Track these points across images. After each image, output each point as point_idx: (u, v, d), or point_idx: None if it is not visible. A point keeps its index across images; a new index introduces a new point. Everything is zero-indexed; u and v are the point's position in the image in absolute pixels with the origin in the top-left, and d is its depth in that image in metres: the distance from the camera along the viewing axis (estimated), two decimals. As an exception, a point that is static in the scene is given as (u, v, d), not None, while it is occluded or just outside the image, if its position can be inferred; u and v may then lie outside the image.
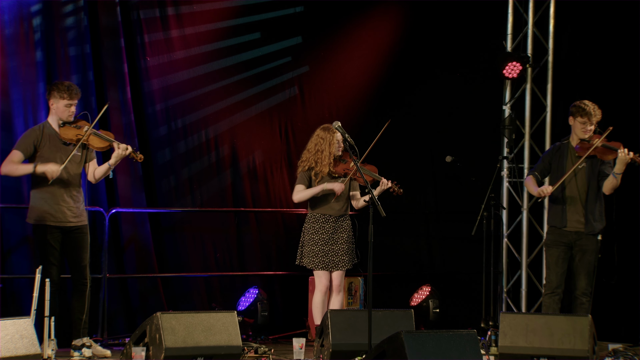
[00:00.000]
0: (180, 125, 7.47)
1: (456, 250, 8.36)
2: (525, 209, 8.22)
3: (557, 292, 6.22)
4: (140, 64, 7.23)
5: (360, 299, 7.38)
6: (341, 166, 6.20)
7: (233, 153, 7.68)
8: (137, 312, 7.12)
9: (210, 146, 7.60)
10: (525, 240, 8.22)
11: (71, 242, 5.85)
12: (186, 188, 7.50)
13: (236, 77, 7.68)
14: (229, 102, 7.65)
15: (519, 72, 7.97)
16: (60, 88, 5.74)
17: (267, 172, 7.79)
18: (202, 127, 7.57)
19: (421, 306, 7.76)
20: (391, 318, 5.77)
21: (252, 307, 7.25)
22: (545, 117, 8.24)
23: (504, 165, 8.21)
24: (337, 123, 5.77)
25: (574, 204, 6.18)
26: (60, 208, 5.75)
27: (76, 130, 5.77)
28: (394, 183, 6.03)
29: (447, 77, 8.25)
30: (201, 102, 7.55)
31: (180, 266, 7.43)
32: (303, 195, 6.21)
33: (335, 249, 6.20)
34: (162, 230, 7.41)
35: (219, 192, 7.62)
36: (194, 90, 7.50)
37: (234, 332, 5.42)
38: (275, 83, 7.84)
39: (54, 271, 5.75)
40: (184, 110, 7.50)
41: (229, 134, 7.66)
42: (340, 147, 6.18)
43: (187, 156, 7.51)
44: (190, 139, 7.53)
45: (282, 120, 7.87)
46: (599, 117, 6.16)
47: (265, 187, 7.76)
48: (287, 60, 7.86)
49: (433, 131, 8.28)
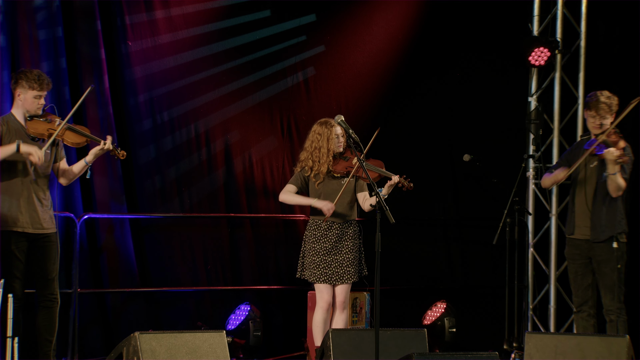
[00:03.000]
0: (167, 119, 7.46)
1: (475, 262, 8.40)
2: (553, 214, 8.22)
3: (584, 309, 6.24)
4: (120, 49, 7.22)
5: (366, 316, 7.38)
6: (342, 164, 6.18)
7: (226, 150, 7.67)
8: (114, 331, 7.10)
9: (200, 142, 7.59)
10: (554, 250, 8.21)
11: (38, 251, 5.81)
12: (173, 190, 7.51)
13: (230, 64, 7.68)
14: (222, 92, 7.65)
15: (546, 59, 7.96)
16: (29, 77, 5.72)
17: (266, 173, 7.80)
18: (191, 121, 7.56)
19: (435, 325, 7.77)
20: (401, 338, 5.77)
21: (243, 326, 7.25)
22: (576, 110, 8.23)
23: (529, 165, 8.21)
24: (340, 117, 5.76)
25: (581, 208, 6.20)
26: (27, 212, 5.72)
27: (47, 124, 5.73)
28: (403, 177, 6.01)
29: (467, 66, 8.28)
30: (190, 93, 7.55)
31: (165, 279, 7.43)
32: (288, 198, 6.26)
33: (338, 260, 6.19)
34: (145, 239, 7.41)
35: (210, 195, 7.63)
36: (181, 78, 7.50)
37: (223, 354, 5.42)
38: (275, 70, 7.84)
39: (17, 285, 5.71)
40: (171, 102, 7.48)
41: (221, 129, 7.65)
42: (341, 143, 6.18)
43: (174, 154, 7.51)
44: (178, 135, 7.53)
45: (283, 113, 7.87)
46: (614, 111, 6.13)
47: (264, 190, 7.78)
48: (289, 44, 7.87)
49: (452, 126, 8.33)
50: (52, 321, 5.83)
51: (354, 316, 7.30)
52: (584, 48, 8.15)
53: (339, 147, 6.18)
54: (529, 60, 7.98)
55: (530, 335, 5.82)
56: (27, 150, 5.61)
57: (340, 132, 6.15)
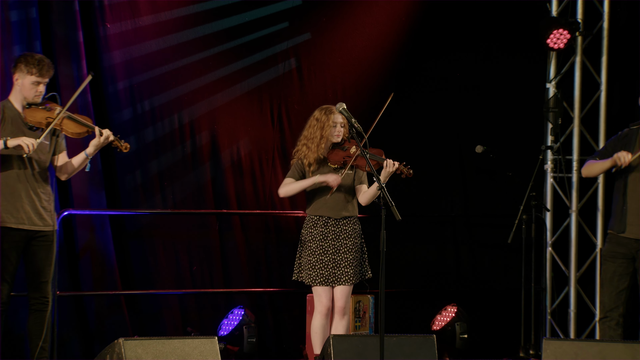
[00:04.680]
0: (148, 108, 7.44)
1: (488, 262, 8.37)
2: (574, 210, 8.19)
3: (612, 316, 6.22)
4: (98, 32, 7.21)
5: (369, 321, 7.36)
6: (340, 154, 6.15)
7: (213, 142, 7.66)
8: (95, 338, 7.08)
9: (185, 134, 7.58)
10: (574, 250, 8.20)
11: (33, 251, 5.79)
12: (155, 186, 7.49)
13: (217, 48, 7.65)
14: (209, 79, 7.63)
15: (566, 42, 7.94)
16: (29, 61, 5.73)
17: (255, 166, 7.77)
18: (175, 110, 7.54)
19: (445, 330, 7.77)
20: (408, 345, 5.74)
21: (236, 332, 7.24)
22: (599, 97, 8.23)
23: (547, 157, 8.21)
24: (342, 105, 5.75)
25: (636, 205, 6.12)
26: (22, 207, 5.71)
27: (46, 113, 5.74)
28: (402, 164, 5.97)
29: (478, 49, 8.24)
30: (174, 80, 7.52)
31: (148, 281, 7.42)
32: (289, 189, 6.19)
33: (337, 259, 6.16)
34: (127, 237, 7.39)
35: (196, 190, 7.61)
36: (164, 64, 7.46)
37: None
38: (266, 55, 7.80)
39: (4, 289, 5.71)
40: (152, 90, 7.45)
41: (208, 119, 7.64)
42: (340, 132, 6.15)
43: (156, 146, 7.48)
44: (160, 125, 7.50)
45: (274, 102, 7.85)
46: None
47: (253, 185, 7.76)
48: (282, 27, 7.83)
49: (461, 115, 8.26)
50: (42, 326, 5.82)
51: (356, 321, 7.28)
52: (606, 30, 8.13)
53: (337, 136, 6.15)
54: (547, 43, 7.94)
55: (549, 342, 5.81)
56: (15, 142, 5.58)
57: (339, 121, 6.14)
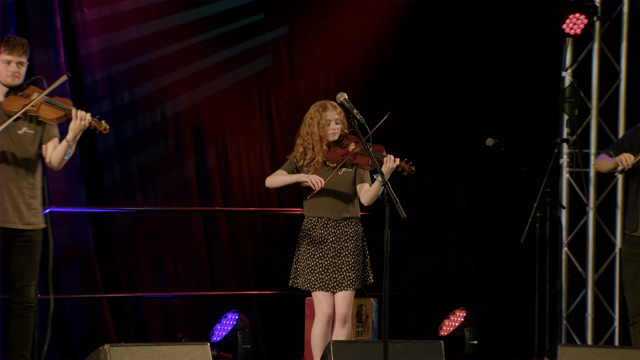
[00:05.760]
0: (128, 100, 7.44)
1: (500, 263, 8.40)
2: (591, 208, 8.20)
3: (638, 320, 6.24)
4: (75, 18, 7.19)
5: (372, 326, 7.38)
6: (338, 152, 6.12)
7: (197, 136, 7.68)
8: (78, 345, 7.10)
9: (167, 127, 7.60)
10: (592, 250, 8.20)
11: (16, 251, 5.75)
12: (136, 183, 7.51)
13: (202, 36, 7.66)
14: (193, 69, 7.64)
15: (583, 27, 7.96)
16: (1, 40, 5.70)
17: (242, 161, 7.81)
18: (157, 102, 7.56)
19: (454, 336, 7.82)
20: (414, 352, 5.75)
21: (230, 338, 7.27)
22: (618, 87, 8.23)
23: (563, 151, 8.22)
24: (343, 95, 5.69)
25: None
26: (3, 204, 5.65)
27: (23, 100, 5.70)
28: (404, 161, 5.93)
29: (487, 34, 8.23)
30: (156, 69, 7.52)
31: (131, 283, 7.45)
32: (274, 180, 6.18)
33: (337, 263, 6.14)
34: (109, 237, 7.41)
35: (179, 187, 7.64)
36: (146, 53, 7.46)
37: (206, 370, 5.47)
38: (255, 44, 7.81)
39: None
40: (133, 80, 7.46)
41: (192, 111, 7.66)
42: (335, 130, 6.12)
43: (136, 140, 7.48)
44: (141, 118, 7.47)
45: (262, 93, 7.86)
46: None
47: (240, 180, 7.78)
48: (272, 13, 7.82)
49: (466, 106, 8.27)
50: (26, 332, 5.78)
51: (358, 326, 7.29)
52: (627, 14, 8.12)
53: (333, 135, 6.12)
54: (562, 29, 7.96)
55: (564, 348, 5.82)
56: None
57: (334, 117, 6.11)
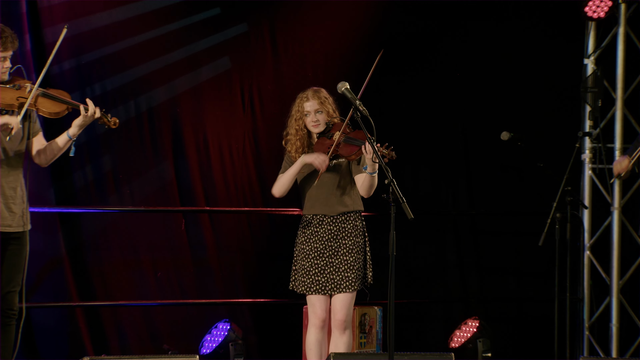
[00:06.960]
0: (99, 92, 7.48)
1: (515, 269, 8.45)
2: (616, 207, 8.19)
3: None
4: (41, 2, 7.24)
5: (377, 337, 7.40)
6: (326, 143, 6.07)
7: (176, 131, 7.73)
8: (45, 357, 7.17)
9: (142, 122, 7.67)
10: (617, 254, 8.20)
11: (7, 255, 5.77)
12: (109, 182, 7.59)
13: (179, 23, 7.72)
14: (170, 59, 7.70)
15: (607, 11, 7.98)
16: None
17: (225, 157, 7.87)
18: (131, 95, 7.63)
19: (466, 348, 7.87)
20: (422, 366, 5.71)
21: (221, 350, 7.33)
22: (646, 75, 8.22)
23: (585, 145, 8.25)
24: (344, 85, 5.58)
25: None
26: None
27: (16, 92, 5.70)
28: (384, 146, 5.78)
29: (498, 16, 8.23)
30: (129, 59, 7.58)
31: (107, 291, 7.52)
32: (280, 184, 6.19)
33: (335, 263, 6.09)
34: (81, 241, 7.48)
35: (157, 186, 7.71)
36: (118, 40, 7.55)
37: (194, 385, 5.73)
38: (237, 32, 7.87)
39: None
40: (104, 71, 7.52)
41: (169, 105, 7.72)
42: (316, 121, 6.13)
43: (109, 137, 7.52)
44: (114, 112, 7.18)
45: (244, 83, 7.92)
46: None
47: (223, 178, 7.84)
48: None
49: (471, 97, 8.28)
50: (9, 341, 5.82)
51: (361, 337, 7.29)
52: (656, -4, 8.17)
53: (314, 126, 6.14)
54: (585, 12, 7.99)
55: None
56: None
57: (313, 108, 6.11)
